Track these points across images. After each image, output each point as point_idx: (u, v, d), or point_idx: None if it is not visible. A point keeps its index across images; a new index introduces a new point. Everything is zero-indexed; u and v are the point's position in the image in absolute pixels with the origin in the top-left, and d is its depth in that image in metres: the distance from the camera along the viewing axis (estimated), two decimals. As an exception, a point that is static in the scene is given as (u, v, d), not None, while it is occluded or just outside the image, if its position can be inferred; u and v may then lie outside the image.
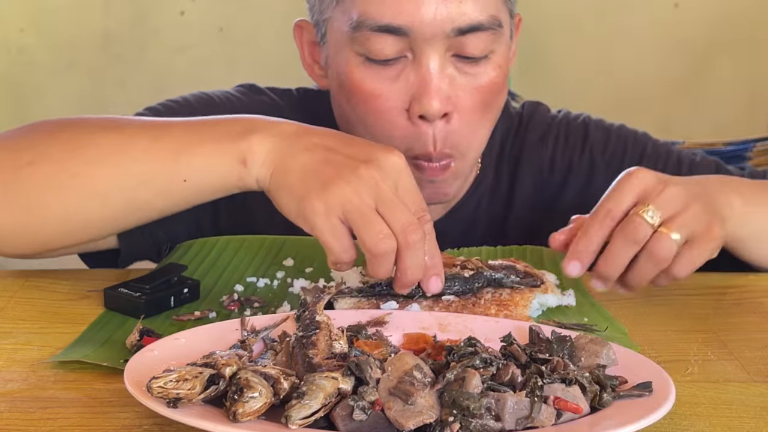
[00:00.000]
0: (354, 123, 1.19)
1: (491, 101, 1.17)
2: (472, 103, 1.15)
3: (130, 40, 3.23)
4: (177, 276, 1.05)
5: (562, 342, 0.85)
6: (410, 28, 1.10)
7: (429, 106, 1.12)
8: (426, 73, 1.12)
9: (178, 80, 3.21)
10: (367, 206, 0.93)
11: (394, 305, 0.99)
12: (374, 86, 1.14)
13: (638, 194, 0.99)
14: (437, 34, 1.11)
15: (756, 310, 1.08)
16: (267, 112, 1.25)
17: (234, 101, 1.30)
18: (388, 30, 1.11)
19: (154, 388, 0.73)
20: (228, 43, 3.26)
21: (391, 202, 0.93)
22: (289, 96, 1.34)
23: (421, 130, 1.14)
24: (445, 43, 1.12)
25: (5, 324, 1.00)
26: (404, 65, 1.13)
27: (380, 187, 0.94)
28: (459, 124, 1.15)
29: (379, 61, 1.13)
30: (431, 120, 1.13)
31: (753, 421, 0.82)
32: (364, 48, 1.13)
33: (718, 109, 3.29)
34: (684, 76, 3.30)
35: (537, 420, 0.74)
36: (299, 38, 1.25)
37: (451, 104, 1.14)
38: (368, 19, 1.11)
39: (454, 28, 1.11)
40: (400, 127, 1.15)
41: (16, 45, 3.19)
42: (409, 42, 1.12)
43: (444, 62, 1.13)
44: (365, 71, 1.14)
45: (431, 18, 1.10)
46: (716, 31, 3.27)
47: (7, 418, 0.80)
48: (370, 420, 0.73)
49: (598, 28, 3.26)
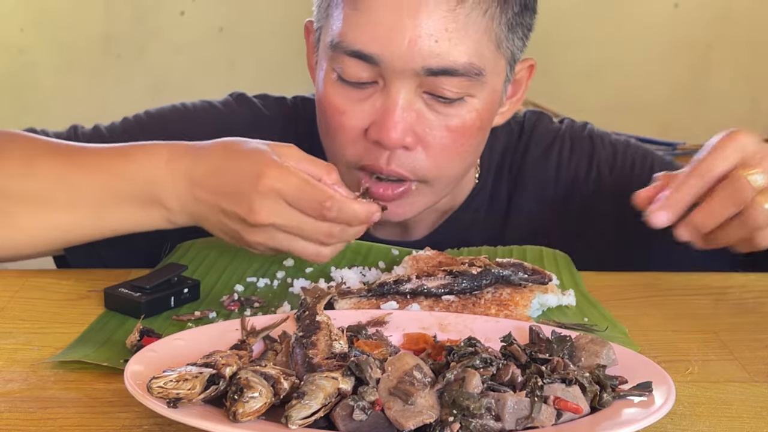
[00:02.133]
0: (322, 133, 1.20)
1: (465, 142, 1.15)
2: (442, 141, 1.14)
3: (130, 40, 3.23)
4: (177, 276, 1.05)
5: (562, 342, 0.85)
6: (380, 58, 1.10)
7: (386, 136, 1.11)
8: (391, 104, 1.11)
9: (178, 80, 3.21)
10: (283, 243, 1.02)
11: (394, 305, 0.99)
12: (341, 103, 1.14)
13: (740, 157, 0.99)
14: (406, 69, 1.10)
15: (756, 310, 1.08)
16: (240, 125, 1.29)
17: (210, 111, 1.32)
18: (359, 56, 1.11)
19: (154, 388, 0.73)
20: (228, 43, 3.26)
21: (295, 229, 1.01)
22: (281, 104, 1.34)
23: (376, 149, 1.13)
24: (416, 79, 1.10)
25: (5, 324, 1.00)
26: (374, 90, 1.13)
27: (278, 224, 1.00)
28: (424, 156, 1.14)
29: (350, 83, 1.13)
30: (387, 148, 1.13)
31: (753, 421, 0.82)
32: (338, 67, 1.13)
33: (718, 109, 3.29)
34: (684, 76, 3.30)
35: (537, 420, 0.73)
36: (306, 39, 1.25)
37: (415, 137, 1.12)
38: (344, 41, 1.11)
39: (424, 67, 1.09)
40: (356, 145, 1.15)
41: (16, 45, 3.19)
42: (380, 71, 1.11)
43: (413, 97, 1.12)
44: (336, 88, 1.14)
45: (402, 52, 1.09)
46: (716, 31, 3.27)
47: (7, 418, 0.80)
48: (370, 420, 0.73)
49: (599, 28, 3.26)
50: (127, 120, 1.32)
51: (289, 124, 1.32)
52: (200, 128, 1.26)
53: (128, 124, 1.31)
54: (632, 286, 1.14)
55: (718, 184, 0.99)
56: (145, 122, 1.30)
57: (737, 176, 0.97)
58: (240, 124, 1.29)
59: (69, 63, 3.21)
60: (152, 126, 1.29)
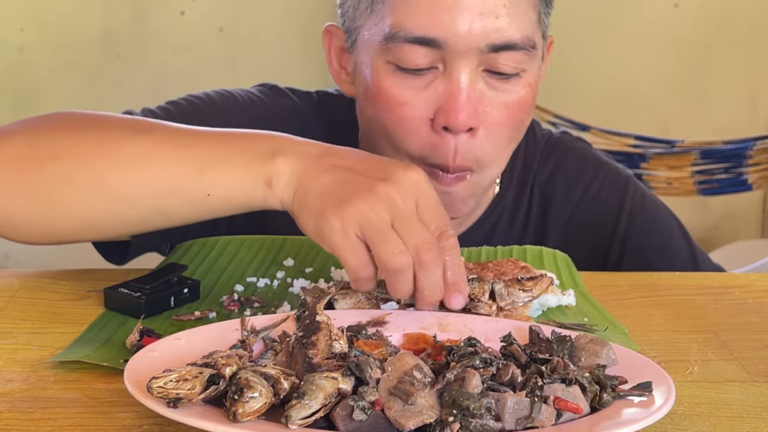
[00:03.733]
0: (375, 129, 1.19)
1: (519, 119, 1.17)
2: (500, 119, 1.15)
3: (130, 40, 3.23)
4: (177, 276, 1.05)
5: (562, 342, 0.85)
6: (444, 41, 1.10)
7: (455, 119, 1.11)
8: (455, 87, 1.12)
9: (178, 80, 3.22)
10: (383, 222, 0.92)
11: (394, 305, 0.99)
12: (401, 94, 1.14)
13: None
14: (471, 48, 1.10)
15: (756, 310, 1.08)
16: (290, 116, 1.25)
17: (257, 102, 1.30)
18: (421, 42, 1.11)
19: (154, 388, 0.73)
20: (228, 43, 3.26)
21: (407, 220, 0.92)
22: (309, 98, 1.34)
23: (443, 140, 1.14)
24: (478, 58, 1.11)
25: (5, 324, 1.00)
26: (435, 76, 1.13)
27: (397, 204, 0.92)
28: (484, 139, 1.15)
29: (409, 70, 1.13)
30: (455, 132, 1.13)
31: (753, 421, 0.82)
32: (395, 57, 1.13)
33: (718, 109, 3.29)
34: (684, 76, 3.30)
35: (537, 420, 0.73)
36: (327, 43, 1.25)
37: (478, 119, 1.13)
38: (402, 30, 1.11)
39: (488, 44, 1.11)
40: (421, 135, 1.14)
41: (16, 45, 3.20)
42: (442, 54, 1.11)
43: (475, 77, 1.13)
44: (394, 79, 1.14)
45: (466, 32, 1.10)
46: (716, 31, 3.27)
47: (7, 418, 0.80)
48: (370, 420, 0.73)
49: (599, 28, 3.26)
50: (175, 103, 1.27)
51: (320, 117, 1.31)
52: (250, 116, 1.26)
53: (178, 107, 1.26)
54: (632, 286, 1.14)
55: None
56: (199, 105, 1.27)
57: None
58: (285, 114, 1.29)
59: (69, 63, 3.22)
60: (206, 109, 1.26)
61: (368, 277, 0.94)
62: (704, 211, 3.35)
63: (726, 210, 3.38)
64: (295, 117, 1.29)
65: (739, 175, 2.88)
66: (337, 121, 1.26)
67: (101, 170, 1.02)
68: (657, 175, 2.88)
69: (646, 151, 2.87)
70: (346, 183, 0.95)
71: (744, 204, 3.37)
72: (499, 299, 1.00)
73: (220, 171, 1.00)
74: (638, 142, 2.89)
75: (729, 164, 2.86)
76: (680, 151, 2.87)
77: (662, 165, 2.88)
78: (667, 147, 2.88)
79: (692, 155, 2.86)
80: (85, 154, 1.02)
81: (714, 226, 3.39)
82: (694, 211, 3.31)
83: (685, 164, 2.87)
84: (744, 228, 3.43)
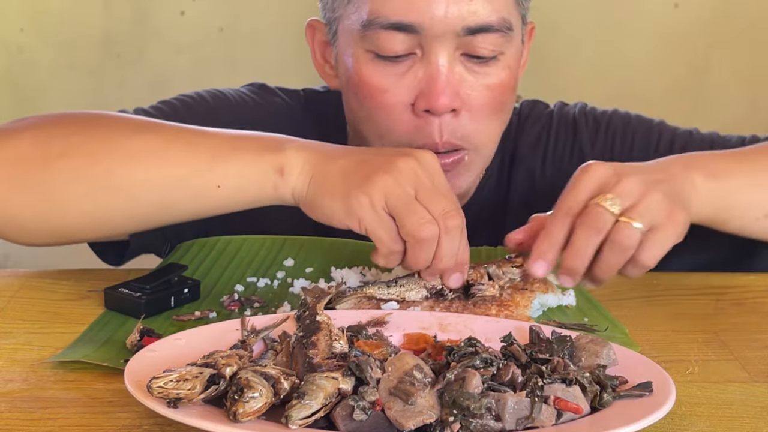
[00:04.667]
0: (361, 119, 1.19)
1: (501, 100, 1.17)
2: (482, 101, 1.15)
3: (130, 40, 3.23)
4: (177, 276, 1.05)
5: (562, 342, 0.85)
6: (421, 26, 1.11)
7: (436, 101, 1.12)
8: (435, 70, 1.12)
9: (178, 80, 3.21)
10: (407, 194, 0.95)
11: (395, 305, 0.99)
12: (381, 81, 1.15)
13: (595, 187, 0.98)
14: (447, 32, 1.11)
15: (756, 310, 1.08)
16: (281, 114, 1.26)
17: (248, 101, 1.30)
18: (398, 27, 1.12)
19: (154, 388, 0.73)
20: (228, 43, 3.26)
21: (431, 191, 0.96)
22: (297, 97, 1.34)
23: (427, 122, 1.14)
24: (455, 41, 1.12)
25: (5, 324, 1.00)
26: (413, 62, 1.14)
27: (419, 176, 0.96)
28: (468, 119, 1.15)
29: (388, 58, 1.14)
30: (438, 114, 1.13)
31: (753, 421, 0.82)
32: (374, 45, 1.13)
33: (718, 109, 3.29)
34: (684, 76, 3.30)
35: (537, 420, 0.73)
36: (311, 38, 1.25)
37: (460, 101, 1.14)
38: (379, 16, 1.12)
39: (464, 27, 1.11)
40: (404, 121, 1.15)
41: (16, 45, 3.19)
42: (419, 39, 1.12)
43: (453, 60, 1.13)
44: (374, 67, 1.15)
45: (442, 16, 1.11)
46: (716, 31, 3.27)
47: (7, 418, 0.80)
48: (370, 420, 0.73)
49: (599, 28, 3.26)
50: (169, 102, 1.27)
51: (308, 115, 1.32)
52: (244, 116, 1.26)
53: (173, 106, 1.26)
54: (632, 286, 1.13)
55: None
56: (192, 105, 1.27)
57: (590, 206, 0.96)
58: (278, 113, 1.29)
59: (69, 63, 3.21)
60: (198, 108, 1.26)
61: (399, 251, 0.97)
62: (704, 211, 3.35)
63: (726, 210, 3.38)
64: (287, 115, 1.30)
65: (740, 176, 2.87)
66: (325, 119, 1.27)
67: (109, 166, 1.02)
68: (657, 175, 2.87)
69: (646, 151, 2.87)
70: (365, 163, 0.98)
71: (744, 204, 3.37)
72: (497, 279, 1.03)
73: (230, 161, 1.01)
74: (638, 142, 2.89)
75: (729, 164, 2.86)
76: (680, 150, 2.87)
77: (663, 165, 2.87)
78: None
79: (692, 155, 2.86)
80: (92, 151, 1.03)
81: (714, 226, 3.39)
82: (694, 211, 3.30)
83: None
84: (744, 228, 3.42)
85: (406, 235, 0.95)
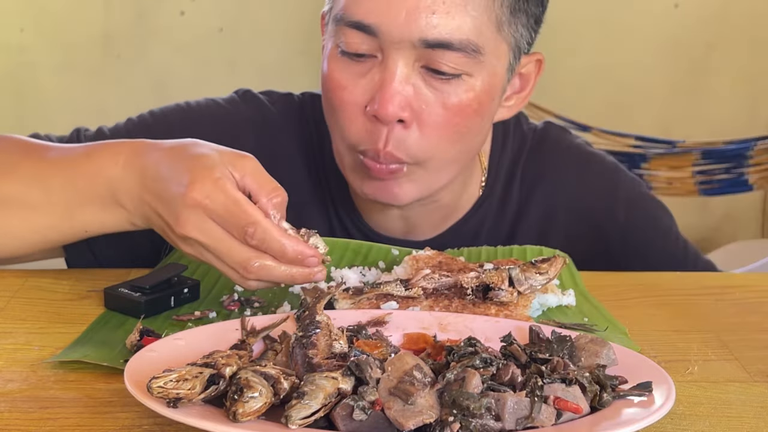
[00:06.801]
0: (326, 115, 1.20)
1: (459, 123, 1.14)
2: (437, 119, 1.13)
3: (130, 40, 3.23)
4: (177, 276, 1.05)
5: (562, 342, 0.85)
6: (377, 29, 1.11)
7: (383, 109, 1.11)
8: (388, 76, 1.12)
9: (178, 80, 3.22)
10: (209, 262, 0.97)
11: (395, 305, 0.99)
12: (343, 77, 1.15)
13: None
14: (404, 40, 1.10)
15: (756, 310, 1.08)
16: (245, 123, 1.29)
17: (214, 109, 1.31)
18: (360, 27, 1.12)
19: (154, 388, 0.73)
20: (228, 43, 3.26)
21: (216, 250, 0.95)
22: (287, 101, 1.34)
23: (376, 128, 1.13)
24: (414, 52, 1.11)
25: (5, 324, 1.00)
26: (373, 64, 1.13)
27: (202, 243, 0.95)
28: (418, 134, 1.13)
29: (351, 55, 1.14)
30: (384, 122, 1.13)
31: (753, 421, 0.82)
32: (341, 40, 1.14)
33: (718, 109, 3.29)
34: (684, 76, 3.30)
35: (537, 420, 0.73)
36: (322, 30, 1.26)
37: (411, 113, 1.12)
38: (346, 13, 1.13)
39: (421, 39, 1.10)
40: (357, 122, 1.15)
41: (16, 45, 3.19)
42: (379, 43, 1.12)
43: (410, 71, 1.12)
44: (338, 63, 1.15)
45: (400, 23, 1.10)
46: (716, 31, 3.27)
47: (7, 418, 0.80)
48: (370, 420, 0.73)
49: (599, 29, 3.26)
50: (130, 121, 1.31)
51: (296, 120, 1.32)
52: (204, 127, 1.26)
53: (132, 125, 1.30)
54: (632, 286, 1.14)
55: None
56: (149, 123, 1.30)
57: None
58: (245, 121, 1.30)
59: (69, 63, 3.22)
60: (156, 126, 1.29)
61: (252, 287, 0.98)
62: (705, 211, 3.35)
63: (726, 210, 3.38)
64: (263, 122, 1.30)
65: (740, 176, 2.88)
66: (319, 120, 1.26)
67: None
68: (658, 176, 2.88)
69: (646, 151, 2.87)
70: (164, 233, 1.00)
71: (744, 204, 3.37)
72: (518, 284, 1.01)
73: (86, 211, 1.05)
74: (639, 142, 2.89)
75: (730, 164, 2.87)
76: (681, 151, 2.87)
77: (663, 165, 2.88)
78: (667, 147, 2.89)
79: (693, 155, 2.86)
80: None
81: (714, 227, 3.40)
82: (695, 212, 3.31)
83: (685, 164, 2.87)
84: (744, 228, 3.43)
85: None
